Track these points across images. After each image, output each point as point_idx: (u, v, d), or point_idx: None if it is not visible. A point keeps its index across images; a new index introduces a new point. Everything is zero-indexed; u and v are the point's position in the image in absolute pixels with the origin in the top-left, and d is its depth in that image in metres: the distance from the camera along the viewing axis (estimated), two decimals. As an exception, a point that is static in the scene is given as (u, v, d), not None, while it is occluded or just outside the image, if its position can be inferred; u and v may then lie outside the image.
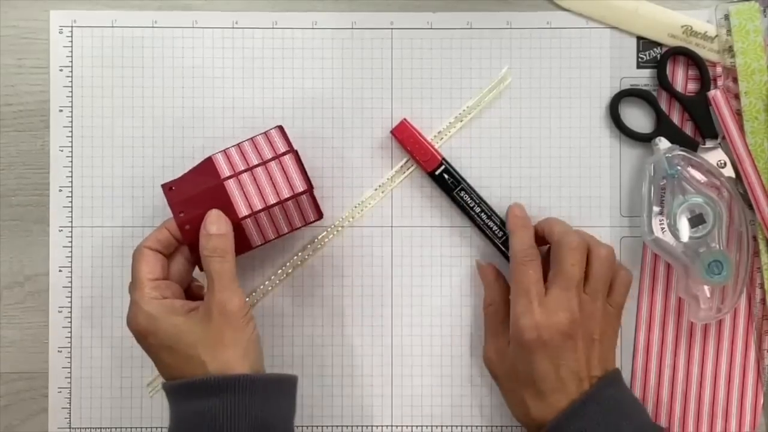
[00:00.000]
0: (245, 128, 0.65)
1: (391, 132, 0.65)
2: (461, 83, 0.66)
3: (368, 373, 0.65)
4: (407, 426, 0.65)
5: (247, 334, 0.56)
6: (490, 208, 0.64)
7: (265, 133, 0.61)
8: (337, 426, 0.65)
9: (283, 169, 0.60)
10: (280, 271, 0.65)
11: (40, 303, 0.65)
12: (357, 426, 0.65)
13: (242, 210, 0.59)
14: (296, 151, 0.60)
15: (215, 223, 0.57)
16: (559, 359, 0.57)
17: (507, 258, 0.64)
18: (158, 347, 0.56)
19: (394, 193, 0.66)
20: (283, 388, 0.57)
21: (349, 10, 0.66)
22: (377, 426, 0.65)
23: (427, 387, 0.65)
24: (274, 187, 0.59)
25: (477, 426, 0.65)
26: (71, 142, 0.65)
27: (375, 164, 0.66)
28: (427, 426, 0.65)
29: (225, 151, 0.60)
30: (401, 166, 0.66)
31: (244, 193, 0.59)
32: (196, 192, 0.59)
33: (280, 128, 0.61)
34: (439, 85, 0.66)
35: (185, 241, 0.59)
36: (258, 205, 0.59)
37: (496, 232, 0.64)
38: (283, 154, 0.60)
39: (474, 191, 0.64)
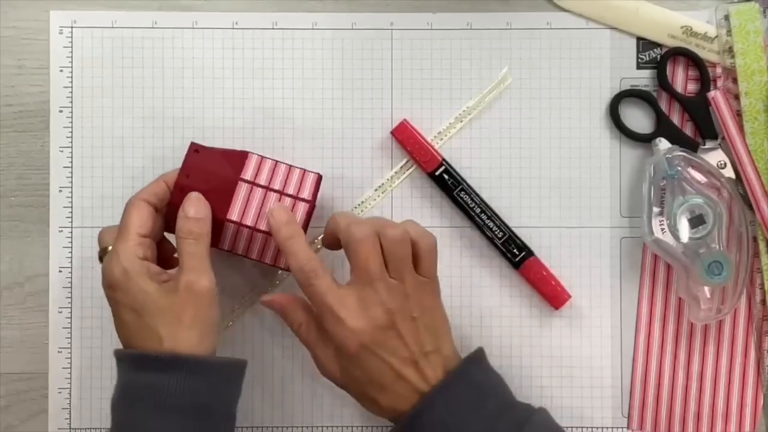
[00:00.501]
0: (245, 128, 0.65)
1: (391, 133, 0.65)
2: (461, 84, 0.66)
3: (368, 374, 0.65)
4: (407, 426, 0.65)
5: (209, 317, 0.56)
6: (491, 209, 0.64)
7: (304, 170, 0.61)
8: (337, 426, 0.65)
9: (292, 210, 0.59)
10: (279, 273, 0.65)
11: (40, 303, 0.65)
12: (357, 426, 0.65)
13: (233, 214, 0.58)
14: (314, 206, 0.60)
15: (194, 206, 0.57)
16: (387, 353, 0.55)
17: (507, 259, 0.64)
18: (124, 306, 0.55)
19: (393, 193, 0.66)
20: (231, 372, 0.57)
21: (349, 11, 0.66)
22: (377, 426, 0.65)
23: (427, 387, 0.65)
24: None
25: (477, 426, 0.65)
26: (71, 142, 0.65)
27: (375, 165, 0.66)
28: (427, 426, 0.65)
29: (262, 159, 0.60)
30: (401, 167, 0.66)
31: (246, 202, 0.59)
32: (212, 171, 0.59)
33: (319, 177, 0.61)
34: (439, 86, 0.66)
35: (172, 200, 0.58)
36: (249, 221, 0.59)
37: (497, 232, 0.64)
38: (301, 199, 0.60)
39: (474, 192, 0.64)
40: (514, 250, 0.64)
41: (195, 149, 0.59)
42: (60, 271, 0.65)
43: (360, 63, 0.66)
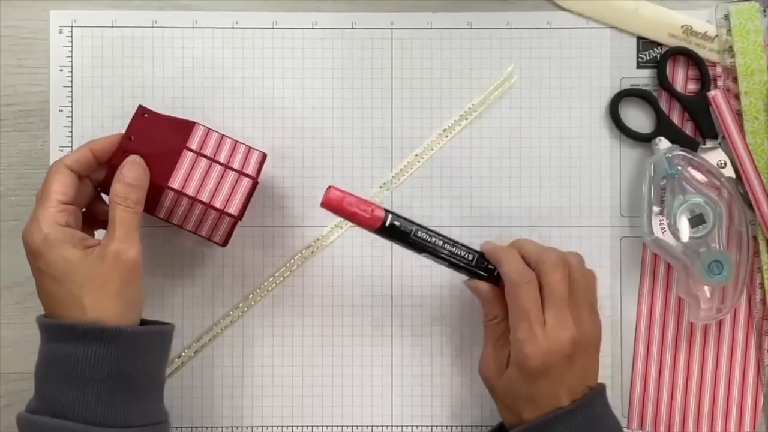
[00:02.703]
0: (245, 128, 0.65)
1: (322, 205, 0.57)
2: (461, 83, 0.66)
3: (368, 373, 0.65)
4: (407, 426, 0.65)
5: (135, 288, 0.55)
6: (448, 238, 0.59)
7: (250, 147, 0.61)
8: (337, 426, 0.65)
9: (234, 185, 0.59)
10: (279, 272, 0.65)
11: (40, 303, 0.65)
12: (357, 426, 0.65)
13: (175, 183, 0.58)
14: (257, 183, 0.60)
15: (133, 171, 0.56)
16: (560, 380, 0.56)
17: (486, 279, 0.61)
18: (45, 274, 0.54)
19: (394, 193, 0.66)
20: (153, 339, 0.56)
21: (349, 10, 0.66)
22: (377, 426, 0.65)
23: (427, 387, 0.65)
24: (215, 190, 0.59)
25: (477, 426, 0.65)
26: (71, 142, 0.65)
27: (375, 164, 0.66)
28: (427, 426, 0.65)
29: (209, 130, 0.60)
30: (402, 168, 0.66)
31: (190, 172, 0.59)
32: (157, 136, 0.59)
33: (264, 156, 0.61)
34: (439, 85, 0.66)
35: (112, 160, 0.58)
36: (190, 191, 0.58)
37: (467, 257, 0.59)
38: (246, 175, 0.60)
39: (425, 227, 0.59)
40: (490, 266, 0.60)
41: (143, 112, 0.59)
42: (60, 271, 0.65)
43: (360, 62, 0.66)
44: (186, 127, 0.60)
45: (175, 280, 0.65)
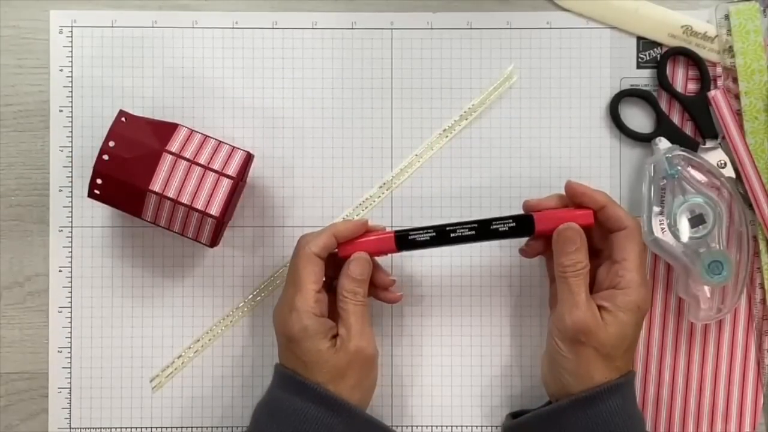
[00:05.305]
0: (244, 128, 0.65)
1: (341, 256, 0.60)
2: (461, 83, 0.66)
3: (368, 373, 0.65)
4: (407, 426, 0.65)
5: (370, 379, 0.59)
6: (461, 224, 0.59)
7: (234, 147, 0.61)
8: (337, 426, 0.65)
9: (215, 185, 0.59)
10: (279, 273, 0.65)
11: (40, 303, 0.65)
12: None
13: (156, 186, 0.59)
14: (238, 182, 0.60)
15: (360, 268, 0.59)
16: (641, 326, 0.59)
17: (520, 234, 0.60)
18: (295, 355, 0.58)
19: (394, 193, 0.66)
20: (373, 428, 0.59)
21: (349, 10, 0.66)
22: None
23: (427, 387, 0.65)
24: (196, 191, 0.59)
25: (477, 426, 0.65)
26: (71, 142, 0.65)
27: (375, 164, 0.66)
28: (427, 426, 0.65)
29: (191, 132, 0.60)
30: (402, 168, 0.66)
31: (170, 174, 0.59)
32: (137, 139, 0.59)
33: (249, 156, 0.61)
34: (439, 85, 0.66)
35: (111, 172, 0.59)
36: (171, 193, 0.59)
37: (498, 227, 0.59)
38: (226, 175, 0.60)
39: (433, 229, 0.59)
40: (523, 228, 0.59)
41: (122, 117, 0.60)
42: (60, 271, 0.65)
43: (360, 62, 0.66)
44: (168, 129, 0.60)
45: (176, 280, 0.65)
